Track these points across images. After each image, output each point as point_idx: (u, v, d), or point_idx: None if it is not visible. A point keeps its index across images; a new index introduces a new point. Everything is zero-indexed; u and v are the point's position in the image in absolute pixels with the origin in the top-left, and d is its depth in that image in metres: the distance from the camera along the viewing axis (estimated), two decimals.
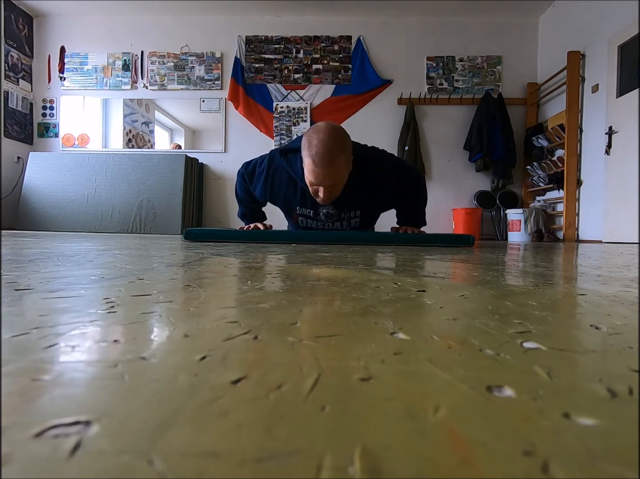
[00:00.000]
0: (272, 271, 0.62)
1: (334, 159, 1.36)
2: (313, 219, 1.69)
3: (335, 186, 1.44)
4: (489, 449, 0.12)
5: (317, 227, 1.72)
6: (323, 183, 1.41)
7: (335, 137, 1.38)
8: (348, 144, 1.43)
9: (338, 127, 1.43)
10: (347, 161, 1.43)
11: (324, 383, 0.17)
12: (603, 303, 0.38)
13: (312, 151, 1.35)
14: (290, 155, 1.55)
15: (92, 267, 0.60)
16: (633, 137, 2.99)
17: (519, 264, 0.87)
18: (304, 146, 1.40)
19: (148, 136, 4.64)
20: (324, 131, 1.37)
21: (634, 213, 2.94)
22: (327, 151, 1.34)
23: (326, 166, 1.36)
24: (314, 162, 1.36)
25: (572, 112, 3.58)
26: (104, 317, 0.28)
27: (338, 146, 1.37)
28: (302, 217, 1.69)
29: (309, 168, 1.39)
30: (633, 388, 0.17)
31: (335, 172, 1.40)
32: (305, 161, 1.41)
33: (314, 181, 1.42)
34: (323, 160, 1.35)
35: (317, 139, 1.35)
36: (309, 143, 1.37)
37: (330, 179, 1.40)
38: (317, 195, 1.47)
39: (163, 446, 0.12)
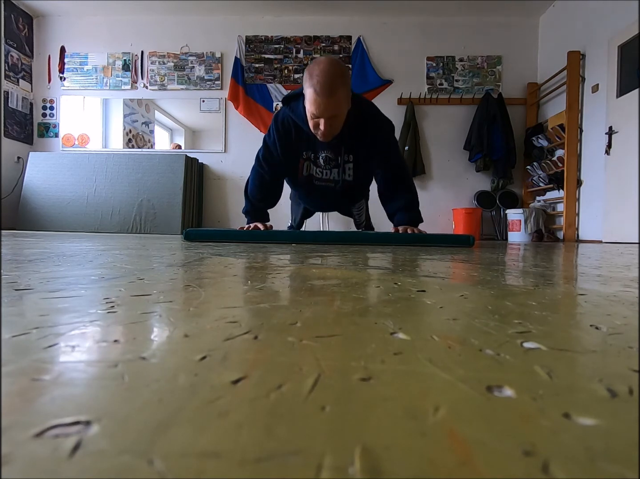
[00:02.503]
0: (272, 271, 0.62)
1: (334, 89, 1.39)
2: (314, 164, 1.72)
3: (335, 118, 1.47)
4: (489, 449, 0.12)
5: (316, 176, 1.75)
6: (324, 114, 1.44)
7: (336, 68, 1.41)
8: (348, 77, 1.47)
9: (339, 61, 1.48)
10: (347, 94, 1.47)
11: (324, 383, 0.17)
12: (603, 303, 0.38)
13: (313, 80, 1.39)
14: (293, 101, 1.59)
15: (92, 267, 0.60)
16: (633, 137, 2.99)
17: (519, 264, 0.87)
18: (305, 78, 1.44)
19: (148, 135, 4.64)
20: (325, 62, 1.41)
21: (634, 213, 2.94)
22: (328, 81, 1.38)
23: (327, 96, 1.39)
24: (315, 92, 1.39)
25: (572, 112, 3.58)
26: (104, 317, 0.28)
27: (339, 77, 1.40)
28: (307, 162, 1.72)
29: (310, 99, 1.42)
30: (633, 388, 0.17)
31: (336, 103, 1.43)
32: (306, 93, 1.44)
33: (315, 112, 1.44)
34: (324, 89, 1.38)
35: (319, 69, 1.39)
36: (310, 74, 1.41)
37: (331, 110, 1.43)
38: (318, 128, 1.49)
39: (163, 446, 0.12)
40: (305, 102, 1.47)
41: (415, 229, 1.71)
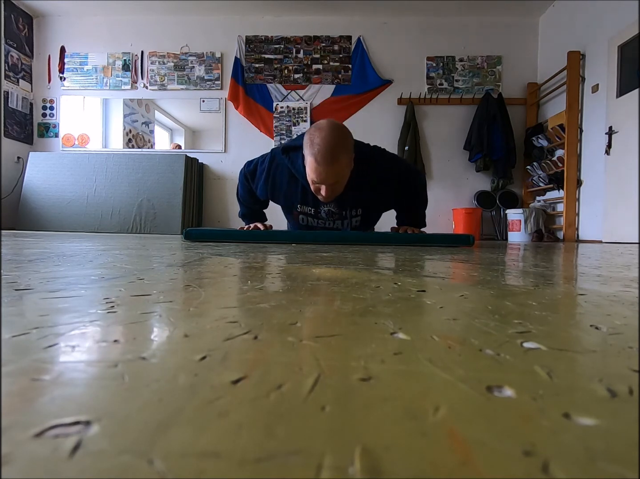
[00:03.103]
0: (272, 271, 0.62)
1: (336, 157, 1.36)
2: (314, 217, 1.68)
3: (337, 184, 1.44)
4: (489, 449, 0.12)
5: (317, 226, 1.72)
6: (325, 181, 1.41)
7: (337, 135, 1.38)
8: (350, 142, 1.44)
9: (340, 125, 1.44)
10: (349, 159, 1.44)
11: (324, 383, 0.17)
12: (603, 303, 0.38)
13: (314, 149, 1.35)
14: (292, 153, 1.55)
15: (92, 267, 0.60)
16: (633, 137, 2.99)
17: (519, 264, 0.87)
18: (306, 144, 1.40)
19: (148, 135, 4.64)
20: (326, 129, 1.37)
21: (634, 213, 2.94)
22: (329, 149, 1.34)
23: (328, 164, 1.36)
24: (316, 161, 1.36)
25: (572, 112, 3.58)
26: (104, 317, 0.28)
27: (340, 144, 1.37)
28: (303, 216, 1.69)
29: (311, 166, 1.40)
30: (633, 388, 0.17)
31: (338, 171, 1.40)
32: (307, 159, 1.41)
33: (316, 179, 1.42)
34: (325, 158, 1.35)
35: (319, 137, 1.35)
36: (311, 141, 1.37)
37: (333, 178, 1.41)
38: (319, 193, 1.47)
39: (163, 446, 0.12)
40: (306, 167, 1.44)
41: (415, 229, 1.71)
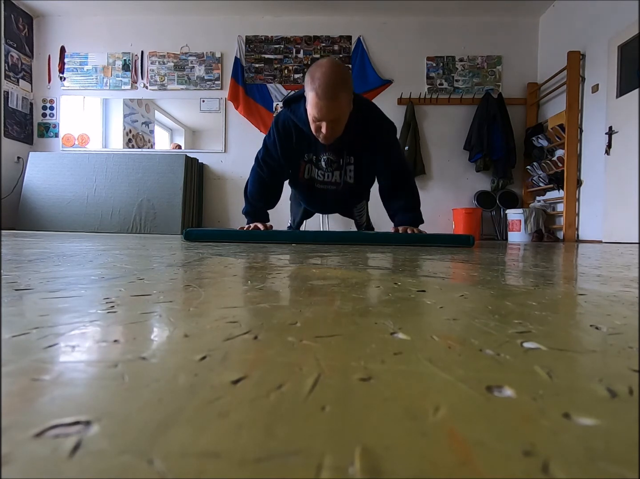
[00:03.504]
0: (272, 271, 0.62)
1: (336, 92, 1.38)
2: (316, 166, 1.71)
3: (337, 121, 1.46)
4: (489, 449, 0.12)
5: (317, 178, 1.74)
6: (326, 117, 1.43)
7: (338, 71, 1.40)
8: (350, 80, 1.46)
9: (340, 63, 1.47)
10: (349, 98, 1.46)
11: (324, 383, 0.17)
12: (603, 303, 0.38)
13: (315, 84, 1.37)
14: (294, 103, 1.58)
15: (92, 267, 0.60)
16: (633, 137, 2.99)
17: (519, 264, 0.87)
18: (307, 81, 1.42)
19: (148, 135, 4.64)
20: (327, 65, 1.40)
21: (634, 213, 2.94)
22: (330, 84, 1.36)
23: (329, 98, 1.38)
24: (317, 95, 1.38)
25: (572, 112, 3.58)
26: (104, 317, 0.28)
27: (340, 80, 1.39)
28: (309, 164, 1.71)
29: (312, 102, 1.41)
30: (633, 388, 0.17)
31: (338, 106, 1.42)
32: (308, 96, 1.43)
33: (317, 115, 1.43)
34: (326, 93, 1.37)
35: (320, 72, 1.38)
36: (312, 77, 1.40)
37: (333, 113, 1.42)
38: (320, 131, 1.49)
39: (163, 446, 0.12)
40: (307, 105, 1.47)
41: (415, 229, 1.71)
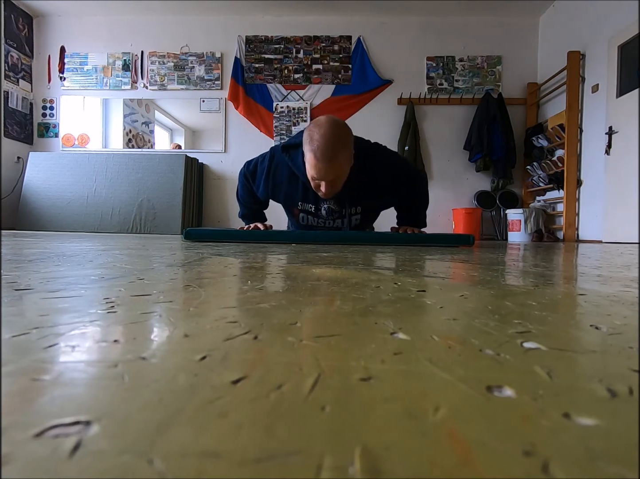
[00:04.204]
0: (272, 271, 0.62)
1: (335, 154, 1.36)
2: (314, 216, 1.68)
3: (337, 180, 1.45)
4: (489, 449, 0.12)
5: (317, 225, 1.72)
6: (325, 178, 1.41)
7: (337, 131, 1.38)
8: (350, 139, 1.44)
9: (340, 121, 1.44)
10: (349, 156, 1.44)
11: (324, 383, 0.17)
12: (603, 303, 0.38)
13: (313, 145, 1.35)
14: (292, 150, 1.55)
15: (92, 267, 0.60)
16: (633, 137, 2.99)
17: (519, 264, 0.87)
18: (305, 140, 1.40)
19: (148, 135, 4.64)
20: (326, 125, 1.37)
21: (634, 213, 2.94)
22: (329, 146, 1.34)
23: (328, 160, 1.36)
24: (315, 157, 1.36)
25: (572, 112, 3.58)
26: (104, 317, 0.28)
27: (340, 141, 1.37)
28: (303, 214, 1.69)
29: (310, 163, 1.40)
30: (633, 388, 0.17)
31: (337, 167, 1.40)
32: (307, 156, 1.41)
33: (315, 176, 1.42)
34: (325, 155, 1.35)
35: (319, 134, 1.35)
36: (310, 137, 1.37)
37: (332, 174, 1.41)
38: (319, 189, 1.47)
39: (163, 446, 0.12)
40: (306, 163, 1.44)
41: (415, 229, 1.71)
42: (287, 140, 1.67)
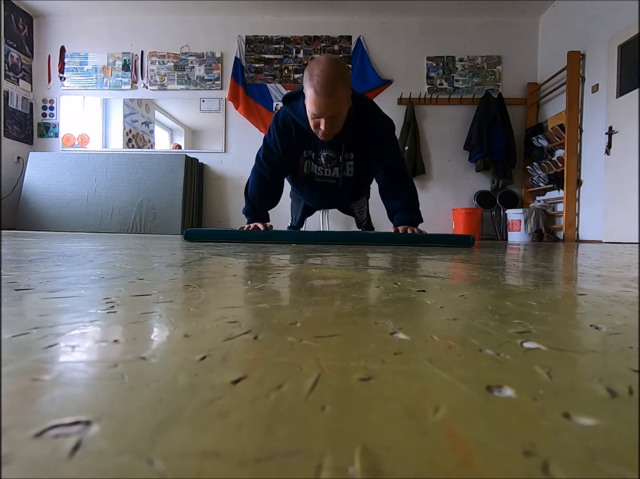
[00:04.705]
0: (272, 271, 0.62)
1: (334, 89, 1.39)
2: (315, 163, 1.73)
3: (335, 118, 1.48)
4: (489, 449, 0.12)
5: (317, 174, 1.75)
6: (324, 114, 1.44)
7: (336, 68, 1.42)
8: (348, 77, 1.48)
9: (338, 60, 1.48)
10: (347, 94, 1.48)
11: (324, 383, 0.17)
12: (603, 303, 0.38)
13: (313, 81, 1.39)
14: (293, 101, 1.60)
15: (92, 267, 0.60)
16: (633, 137, 2.99)
17: (519, 264, 0.87)
18: (305, 78, 1.44)
19: (148, 136, 4.64)
20: (325, 62, 1.41)
21: (634, 213, 2.94)
22: (329, 81, 1.38)
23: (327, 95, 1.39)
24: (315, 92, 1.40)
25: (572, 112, 3.58)
26: (104, 317, 0.28)
27: (339, 77, 1.41)
28: (308, 161, 1.72)
29: (311, 99, 1.43)
30: (633, 388, 0.17)
31: (336, 103, 1.43)
32: (307, 92, 1.44)
33: (315, 112, 1.45)
34: (324, 89, 1.38)
35: (319, 69, 1.39)
36: (310, 74, 1.41)
37: (331, 110, 1.44)
38: (319, 128, 1.50)
39: (163, 446, 0.12)
40: (306, 102, 1.48)
41: (415, 229, 1.71)
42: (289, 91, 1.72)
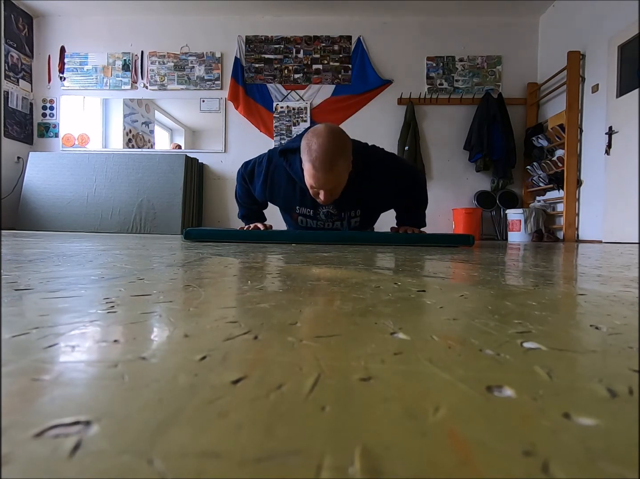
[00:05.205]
0: (272, 271, 0.62)
1: (334, 163, 1.36)
2: (313, 219, 1.68)
3: (335, 188, 1.45)
4: (489, 449, 0.12)
5: (317, 227, 1.72)
6: (324, 187, 1.42)
7: (335, 141, 1.37)
8: (348, 147, 1.43)
9: (337, 130, 1.43)
10: (347, 164, 1.44)
11: (324, 383, 0.17)
12: (603, 303, 0.38)
13: (311, 155, 1.35)
14: (290, 155, 1.54)
15: (92, 267, 0.60)
16: (633, 137, 2.99)
17: (519, 264, 0.87)
18: (303, 149, 1.39)
19: (148, 136, 4.64)
20: (324, 135, 1.36)
21: (634, 213, 2.94)
22: (327, 156, 1.34)
23: (326, 170, 1.36)
24: (314, 167, 1.36)
25: (572, 112, 3.58)
26: (104, 317, 0.28)
27: (338, 150, 1.37)
28: (302, 217, 1.69)
29: (309, 172, 1.40)
30: (633, 388, 0.17)
31: (336, 176, 1.40)
32: (305, 165, 1.41)
33: (314, 185, 1.42)
34: (323, 165, 1.35)
35: (317, 144, 1.35)
36: (308, 147, 1.37)
37: (331, 183, 1.41)
38: (318, 197, 1.47)
39: (163, 446, 0.12)
40: (304, 171, 1.44)
41: (415, 229, 1.71)
42: (284, 144, 1.66)
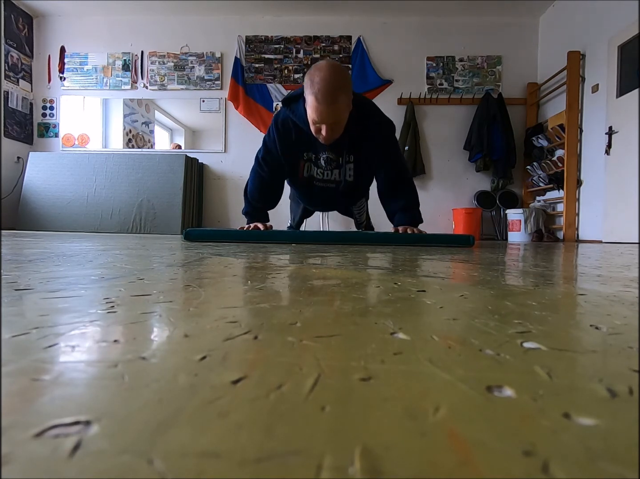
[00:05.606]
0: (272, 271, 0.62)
1: (336, 96, 1.39)
2: (315, 165, 1.72)
3: (336, 124, 1.48)
4: (489, 449, 0.12)
5: (317, 177, 1.75)
6: (326, 120, 1.45)
7: (337, 75, 1.41)
8: (349, 83, 1.48)
9: (339, 66, 1.47)
10: (348, 100, 1.48)
11: (324, 383, 0.17)
12: (603, 303, 0.38)
13: (314, 88, 1.39)
14: (293, 103, 1.59)
15: (92, 267, 0.60)
16: (633, 137, 2.99)
17: (519, 264, 0.87)
18: (306, 84, 1.44)
19: (148, 136, 4.64)
20: (326, 69, 1.41)
21: (634, 213, 2.94)
22: (330, 89, 1.38)
23: (329, 103, 1.39)
24: (316, 100, 1.40)
25: (572, 112, 3.58)
26: (104, 317, 0.28)
27: (340, 84, 1.41)
28: (307, 163, 1.72)
29: (312, 106, 1.43)
30: (633, 388, 0.17)
31: (338, 110, 1.44)
32: (308, 99, 1.44)
33: (316, 119, 1.45)
34: (325, 97, 1.38)
35: (319, 77, 1.39)
36: (311, 81, 1.41)
37: (333, 117, 1.44)
38: (320, 133, 1.50)
39: (163, 446, 0.12)
40: (307, 107, 1.48)
41: (415, 229, 1.71)
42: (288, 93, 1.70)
